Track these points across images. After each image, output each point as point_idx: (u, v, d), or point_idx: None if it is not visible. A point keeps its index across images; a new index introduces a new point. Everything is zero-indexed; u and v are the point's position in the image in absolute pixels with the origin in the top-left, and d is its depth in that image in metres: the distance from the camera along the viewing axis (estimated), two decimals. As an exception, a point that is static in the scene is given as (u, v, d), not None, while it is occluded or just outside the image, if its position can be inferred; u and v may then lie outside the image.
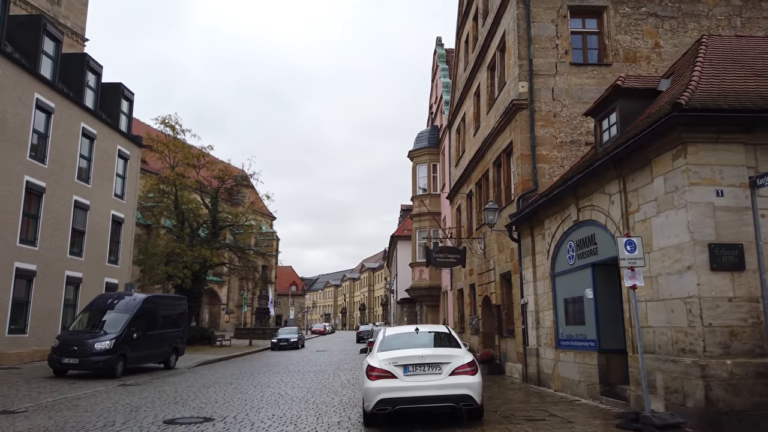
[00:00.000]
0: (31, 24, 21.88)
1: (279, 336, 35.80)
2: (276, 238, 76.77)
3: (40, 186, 21.06)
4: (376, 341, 9.00)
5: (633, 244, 7.35)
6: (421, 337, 8.79)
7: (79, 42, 48.84)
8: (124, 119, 28.03)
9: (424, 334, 8.92)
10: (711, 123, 7.31)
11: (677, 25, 15.25)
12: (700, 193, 7.29)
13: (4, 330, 19.17)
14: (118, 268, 26.97)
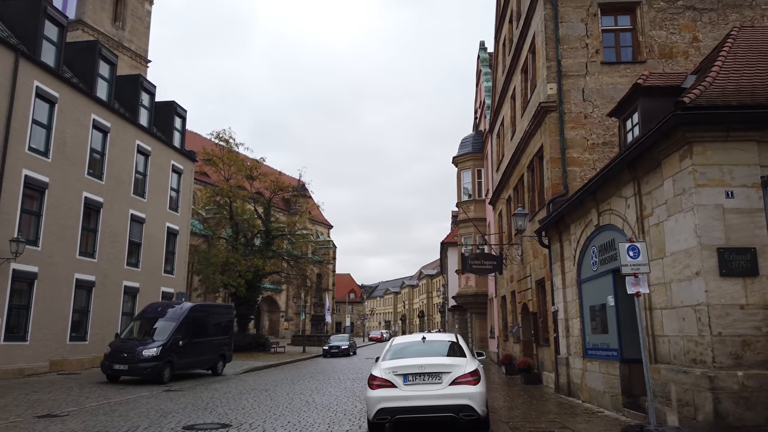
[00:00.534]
0: (88, 50, 23.30)
1: (331, 343, 36.28)
2: (332, 246, 77.84)
3: (97, 201, 22.35)
4: (384, 350, 9.03)
5: (636, 250, 7.06)
6: (427, 346, 8.75)
7: (142, 63, 51.59)
8: (177, 135, 29.35)
9: (430, 343, 8.88)
10: (719, 121, 6.94)
11: (717, 18, 14.51)
12: (707, 194, 6.92)
13: (66, 338, 20.43)
14: (173, 277, 28.17)
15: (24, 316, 18.63)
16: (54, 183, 19.93)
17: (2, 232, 17.45)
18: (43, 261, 19.28)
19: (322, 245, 76.14)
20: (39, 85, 19.42)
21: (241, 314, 37.33)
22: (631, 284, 7.07)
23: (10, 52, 18.18)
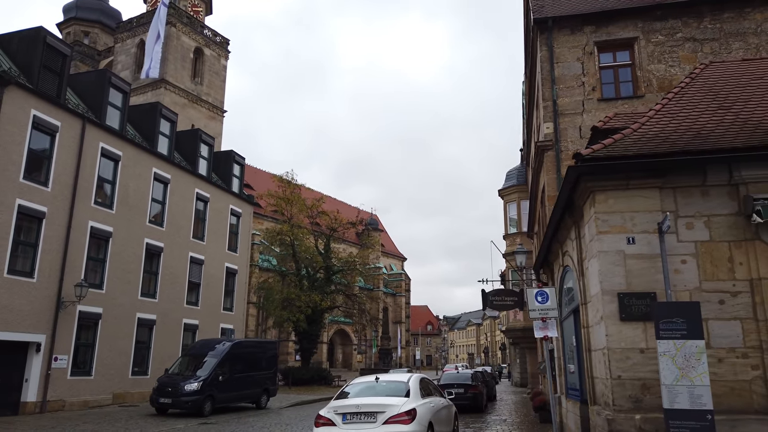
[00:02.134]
0: (150, 110, 26.04)
1: (388, 377, 36.73)
2: (405, 279, 78.56)
3: (158, 246, 24.64)
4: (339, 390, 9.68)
5: (545, 295, 7.40)
6: (378, 386, 9.31)
7: (218, 114, 55.83)
8: (236, 181, 31.66)
9: (381, 384, 9.42)
10: (618, 170, 7.22)
11: (719, 47, 14.27)
12: (609, 241, 7.18)
13: (128, 372, 22.50)
14: (232, 314, 30.08)
15: (89, 353, 20.83)
16: (117, 232, 22.32)
17: (69, 277, 19.80)
18: (107, 302, 21.53)
19: (395, 277, 77.19)
20: (104, 145, 22.03)
21: (304, 348, 38.85)
22: (539, 328, 7.40)
23: (78, 119, 20.86)
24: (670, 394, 5.56)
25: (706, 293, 6.88)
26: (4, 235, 17.73)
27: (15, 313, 17.92)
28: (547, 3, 15.93)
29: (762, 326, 6.67)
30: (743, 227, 6.90)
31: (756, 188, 6.87)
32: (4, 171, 17.81)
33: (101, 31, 58.51)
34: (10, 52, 19.82)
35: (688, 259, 7.00)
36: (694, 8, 14.48)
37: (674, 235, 7.06)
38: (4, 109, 17.91)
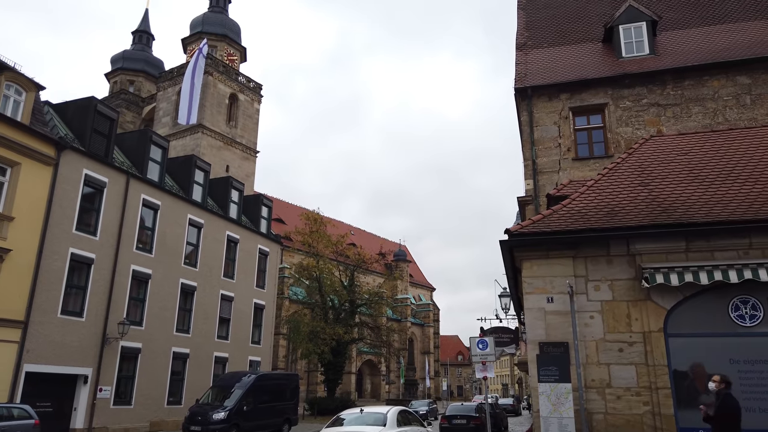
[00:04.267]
0: (186, 162, 28.85)
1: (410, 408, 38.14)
2: (433, 309, 79.72)
3: (192, 285, 27.10)
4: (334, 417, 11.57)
5: (485, 343, 9.21)
6: (362, 416, 11.14)
7: (251, 155, 59.11)
8: (264, 222, 34.16)
9: (364, 414, 11.25)
10: (540, 244, 9.06)
11: (680, 111, 15.93)
12: (533, 300, 8.98)
13: (164, 402, 24.76)
14: (260, 347, 32.25)
15: (130, 384, 23.18)
16: (156, 274, 24.85)
17: (113, 316, 22.29)
18: (146, 338, 23.93)
19: (423, 308, 78.50)
20: (145, 197, 24.74)
21: (329, 379, 40.62)
22: (479, 370, 9.18)
23: (123, 175, 23.62)
24: (545, 423, 7.29)
25: (609, 343, 8.60)
26: (58, 280, 20.35)
27: (66, 348, 20.42)
28: (530, 72, 17.89)
29: (651, 370, 8.33)
30: (638, 290, 8.63)
31: (647, 258, 8.61)
32: (60, 224, 20.52)
33: (145, 79, 62.89)
34: (66, 118, 22.80)
35: (595, 315, 8.74)
36: (658, 77, 16.21)
37: (584, 296, 8.83)
38: (61, 170, 20.73)
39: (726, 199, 9.10)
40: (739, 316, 8.24)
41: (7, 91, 19.31)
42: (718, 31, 17.43)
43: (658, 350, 8.38)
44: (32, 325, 19.20)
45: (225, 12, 60.84)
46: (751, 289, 8.18)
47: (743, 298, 8.27)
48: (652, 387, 8.29)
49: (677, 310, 8.50)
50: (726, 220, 8.36)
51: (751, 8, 18.26)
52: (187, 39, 58.30)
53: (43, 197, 19.97)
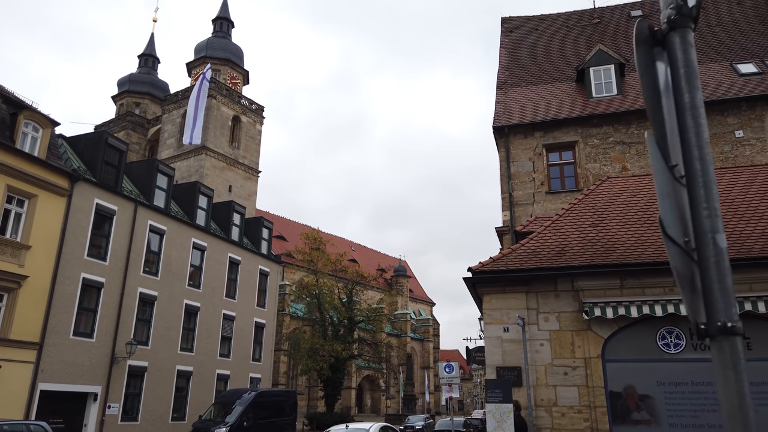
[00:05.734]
0: (190, 188, 30.37)
1: (406, 423, 39.29)
2: (433, 324, 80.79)
3: (195, 306, 28.49)
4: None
5: (451, 367, 10.57)
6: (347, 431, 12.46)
7: (253, 174, 60.68)
8: (265, 243, 35.60)
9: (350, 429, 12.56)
10: (497, 281, 10.46)
11: (643, 149, 17.36)
12: (492, 329, 10.35)
13: (168, 418, 26.05)
14: (261, 364, 33.53)
15: (136, 401, 24.50)
16: (161, 296, 26.26)
17: (122, 336, 23.67)
18: (152, 357, 25.28)
19: (422, 323, 79.60)
20: (152, 222, 26.22)
21: (327, 394, 41.77)
22: (446, 391, 10.53)
23: (131, 203, 25.13)
24: None
25: (556, 367, 9.95)
26: (71, 303, 21.77)
27: (77, 368, 21.78)
28: (508, 111, 19.39)
29: (591, 391, 9.68)
30: (581, 321, 9.99)
31: (588, 293, 9.99)
32: (73, 251, 21.99)
33: (151, 101, 64.76)
34: (78, 150, 24.37)
35: (544, 342, 10.11)
36: (623, 117, 17.68)
37: (536, 326, 10.20)
38: (74, 201, 22.24)
39: (659, 241, 10.47)
40: (665, 344, 9.59)
41: (25, 129, 20.87)
42: (681, 73, 18.88)
43: (597, 373, 9.72)
44: (47, 347, 20.59)
45: (228, 37, 62.80)
46: (676, 320, 9.53)
47: (669, 328, 9.63)
48: (591, 405, 9.63)
49: (613, 338, 9.86)
50: (654, 261, 9.74)
51: (712, 51, 19.77)
52: (192, 63, 60.17)
53: (57, 226, 21.45)
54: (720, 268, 1.50)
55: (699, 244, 1.46)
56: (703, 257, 1.46)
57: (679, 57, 1.60)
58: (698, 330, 1.55)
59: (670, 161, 1.57)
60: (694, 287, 1.47)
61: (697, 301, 1.49)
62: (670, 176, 1.54)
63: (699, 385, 9.23)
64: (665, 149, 1.59)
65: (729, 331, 1.48)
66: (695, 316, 1.52)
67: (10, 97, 21.12)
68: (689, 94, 1.63)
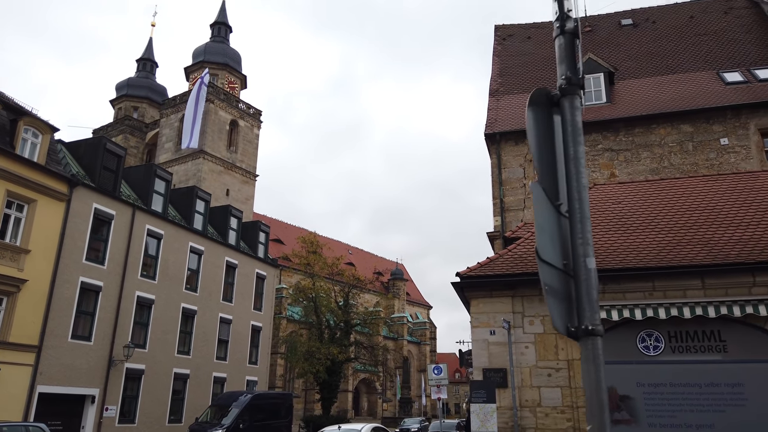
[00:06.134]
0: (188, 193, 30.69)
1: (402, 426, 39.58)
2: (430, 327, 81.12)
3: (192, 309, 28.77)
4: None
5: (440, 369, 10.90)
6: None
7: (251, 179, 61.00)
8: (261, 247, 35.91)
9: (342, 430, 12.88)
10: (484, 285, 10.80)
11: (631, 156, 17.75)
12: (479, 332, 10.69)
13: (165, 420, 26.31)
14: (257, 367, 33.80)
15: (134, 404, 24.77)
16: (158, 299, 26.54)
17: (119, 339, 23.95)
18: (149, 360, 25.55)
19: (419, 326, 79.91)
20: (149, 227, 26.52)
21: (324, 397, 42.01)
22: (435, 392, 10.86)
23: (129, 207, 25.44)
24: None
25: (540, 369, 10.30)
26: (69, 307, 22.05)
27: (75, 370, 22.06)
28: (499, 118, 19.77)
29: (573, 392, 10.02)
30: (564, 324, 10.34)
31: (571, 298, 10.34)
32: (71, 255, 22.28)
33: (149, 105, 65.09)
34: (77, 156, 24.68)
35: (529, 345, 10.45)
36: (612, 125, 18.06)
37: (521, 329, 10.55)
38: (73, 205, 22.54)
39: (640, 247, 10.85)
40: (645, 347, 9.94)
41: (25, 135, 21.19)
42: (669, 81, 19.33)
43: (579, 375, 10.06)
44: (45, 349, 20.87)
45: (226, 42, 63.18)
46: (655, 324, 9.88)
47: (648, 331, 9.98)
48: (573, 406, 9.97)
49: (595, 341, 10.20)
50: (634, 266, 10.11)
51: (700, 59, 20.20)
52: (190, 67, 60.54)
53: (56, 230, 21.75)
54: (588, 284, 1.85)
55: (574, 266, 1.81)
56: (577, 276, 1.80)
57: (568, 118, 1.94)
58: (568, 332, 1.90)
59: (557, 200, 1.92)
60: (569, 299, 1.82)
61: (571, 310, 1.85)
62: (555, 212, 1.89)
63: (677, 386, 9.58)
64: (552, 191, 1.94)
65: (592, 333, 1.83)
66: (567, 321, 1.87)
67: (10, 104, 21.44)
68: (573, 148, 1.98)
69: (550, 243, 1.92)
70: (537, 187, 2.02)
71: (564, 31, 1.88)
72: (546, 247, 1.93)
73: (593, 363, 1.78)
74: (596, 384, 1.70)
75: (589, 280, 1.87)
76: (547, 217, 1.94)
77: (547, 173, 2.05)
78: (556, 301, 1.89)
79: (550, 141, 2.02)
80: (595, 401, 1.72)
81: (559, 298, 1.89)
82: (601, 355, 1.82)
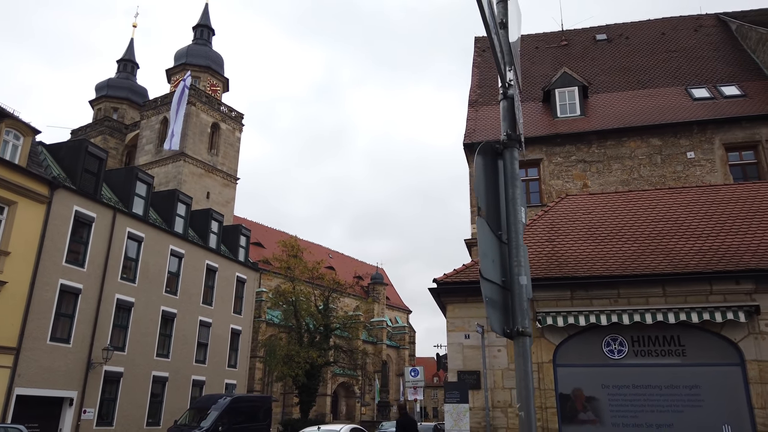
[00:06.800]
0: (169, 196, 30.78)
1: (380, 429, 39.88)
2: (409, 331, 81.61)
3: (172, 312, 28.84)
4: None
5: (416, 372, 11.36)
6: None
7: (231, 182, 60.95)
8: (242, 251, 36.08)
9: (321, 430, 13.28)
10: (459, 291, 11.29)
11: (603, 168, 18.46)
12: (454, 336, 11.17)
13: (144, 423, 26.34)
14: (236, 370, 33.93)
15: (112, 406, 24.79)
16: (138, 302, 26.60)
17: (98, 342, 23.97)
18: (128, 362, 25.59)
19: (398, 330, 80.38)
20: (130, 230, 26.59)
21: (302, 401, 42.17)
22: (411, 393, 11.31)
23: (110, 210, 25.50)
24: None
25: (512, 371, 10.79)
26: (48, 309, 22.06)
27: (54, 373, 22.05)
28: (478, 128, 20.35)
29: (542, 393, 10.53)
30: (535, 329, 10.87)
31: (542, 304, 10.87)
32: (52, 257, 22.30)
33: (129, 106, 64.67)
34: (58, 158, 24.69)
35: (501, 348, 10.95)
36: (585, 137, 18.76)
37: (494, 333, 11.03)
38: (53, 208, 22.57)
39: (608, 256, 11.44)
40: (610, 350, 10.51)
41: (6, 137, 21.21)
42: (640, 96, 20.12)
43: (548, 377, 10.59)
44: (24, 351, 20.86)
45: (209, 44, 63.14)
46: (619, 329, 10.45)
47: (613, 336, 10.55)
48: (542, 407, 10.48)
49: (564, 345, 10.75)
50: (600, 275, 10.68)
51: (670, 75, 21.04)
52: (172, 69, 60.37)
53: (36, 233, 21.77)
54: (521, 296, 2.32)
55: (510, 282, 2.27)
56: (512, 290, 2.27)
57: (508, 166, 2.41)
58: (504, 333, 2.36)
59: (498, 230, 2.39)
60: (506, 308, 2.29)
61: (507, 316, 2.31)
62: (497, 240, 2.36)
63: (639, 387, 10.16)
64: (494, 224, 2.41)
65: (522, 333, 2.29)
66: (504, 325, 2.34)
67: (-9, 106, 21.44)
68: (511, 191, 2.45)
69: (491, 264, 2.38)
70: (481, 221, 2.49)
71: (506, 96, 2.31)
72: (488, 267, 2.39)
73: (523, 357, 2.25)
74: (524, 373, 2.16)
75: (521, 293, 2.34)
76: (489, 244, 2.40)
77: (491, 209, 2.52)
78: (495, 310, 2.35)
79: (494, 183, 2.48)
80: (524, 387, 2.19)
81: (497, 308, 2.35)
82: (530, 351, 2.29)
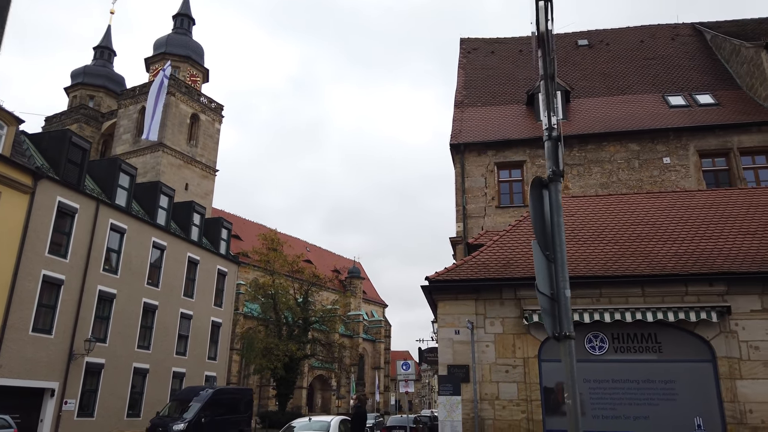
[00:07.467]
0: (151, 187, 30.68)
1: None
2: (385, 325, 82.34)
3: (153, 304, 28.84)
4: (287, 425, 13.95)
5: (408, 365, 11.83)
6: (311, 423, 13.57)
7: (210, 173, 60.58)
8: (223, 244, 36.12)
9: (312, 422, 13.69)
10: (450, 289, 11.79)
11: (583, 171, 19.17)
12: (445, 332, 11.68)
13: (124, 414, 26.38)
14: (216, 363, 34.05)
15: (93, 398, 24.78)
16: (120, 293, 26.56)
17: (80, 333, 23.93)
18: (109, 354, 25.58)
19: (375, 324, 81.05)
20: (113, 221, 26.51)
21: (280, 393, 42.47)
22: (403, 386, 11.79)
23: (93, 201, 25.39)
24: (441, 426, 9.95)
25: (499, 366, 11.36)
26: (30, 300, 21.96)
27: (35, 364, 21.99)
28: (464, 129, 20.88)
29: (528, 386, 11.12)
30: (521, 325, 11.44)
31: (528, 302, 11.43)
32: (34, 248, 22.18)
33: (105, 94, 63.66)
34: (41, 148, 24.48)
35: (489, 344, 11.50)
36: (567, 141, 19.36)
37: (483, 329, 11.58)
38: (36, 198, 22.43)
39: (590, 257, 12.06)
40: (591, 347, 11.13)
41: (-10, 126, 21.00)
42: (619, 102, 20.87)
43: (533, 372, 11.17)
44: (6, 342, 20.77)
45: (189, 34, 62.50)
46: (600, 327, 11.08)
47: (595, 333, 11.18)
48: (528, 399, 11.06)
49: (548, 341, 11.31)
50: (584, 275, 11.28)
51: (648, 82, 21.84)
52: (151, 59, 59.64)
53: (19, 223, 21.63)
54: (566, 306, 2.79)
55: (557, 294, 2.73)
56: (558, 301, 2.73)
57: (553, 197, 2.87)
58: (554, 337, 2.83)
59: (547, 251, 2.85)
60: (554, 316, 2.74)
61: (555, 322, 2.77)
62: (546, 259, 2.82)
63: (618, 382, 10.80)
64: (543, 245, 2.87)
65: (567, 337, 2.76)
66: (554, 329, 2.80)
67: (-25, 94, 21.17)
68: (556, 217, 2.91)
69: (543, 280, 2.84)
70: (535, 244, 2.95)
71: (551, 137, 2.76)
72: (541, 282, 2.85)
73: (569, 356, 2.72)
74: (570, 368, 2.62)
75: (566, 304, 2.80)
76: (541, 263, 2.86)
77: (540, 233, 2.97)
78: (547, 317, 2.81)
79: (541, 211, 2.94)
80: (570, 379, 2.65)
81: (549, 315, 2.81)
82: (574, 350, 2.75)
